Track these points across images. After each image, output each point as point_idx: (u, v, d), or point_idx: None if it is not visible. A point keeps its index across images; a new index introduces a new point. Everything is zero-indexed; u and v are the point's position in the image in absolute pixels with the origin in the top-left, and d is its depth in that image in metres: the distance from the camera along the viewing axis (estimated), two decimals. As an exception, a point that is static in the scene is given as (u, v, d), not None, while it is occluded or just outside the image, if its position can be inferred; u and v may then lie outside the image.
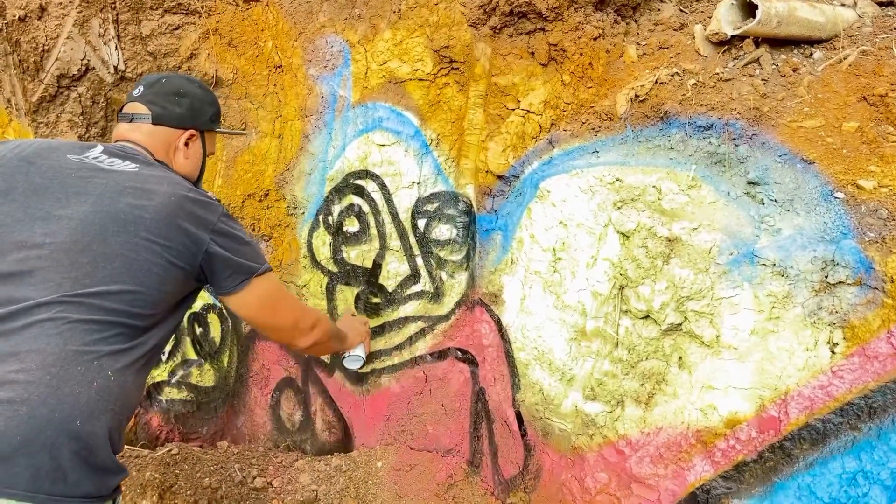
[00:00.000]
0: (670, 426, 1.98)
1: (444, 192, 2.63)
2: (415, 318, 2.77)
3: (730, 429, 1.85)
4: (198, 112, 2.02)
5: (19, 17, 2.99)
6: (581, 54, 2.30)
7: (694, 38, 2.18)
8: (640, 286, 2.05)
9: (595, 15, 2.31)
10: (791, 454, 1.74)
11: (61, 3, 2.96)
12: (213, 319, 3.24)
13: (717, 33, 2.09)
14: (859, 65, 1.91)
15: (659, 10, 2.35)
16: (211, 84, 2.97)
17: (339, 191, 2.81)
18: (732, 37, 2.06)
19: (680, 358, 1.97)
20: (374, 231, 2.77)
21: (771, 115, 1.92)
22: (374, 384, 2.91)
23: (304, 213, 2.95)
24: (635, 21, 2.36)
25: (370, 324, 2.85)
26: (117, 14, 2.99)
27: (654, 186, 2.04)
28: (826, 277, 1.70)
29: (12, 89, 3.14)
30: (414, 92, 2.59)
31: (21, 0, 2.99)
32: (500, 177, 2.51)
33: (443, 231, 2.65)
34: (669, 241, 1.99)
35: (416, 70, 2.56)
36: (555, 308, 2.30)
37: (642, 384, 2.05)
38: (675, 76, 2.09)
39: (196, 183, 2.05)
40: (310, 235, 2.94)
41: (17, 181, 1.60)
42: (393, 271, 2.77)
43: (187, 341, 3.29)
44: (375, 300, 2.83)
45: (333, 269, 2.90)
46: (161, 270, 1.62)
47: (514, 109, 2.46)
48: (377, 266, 2.79)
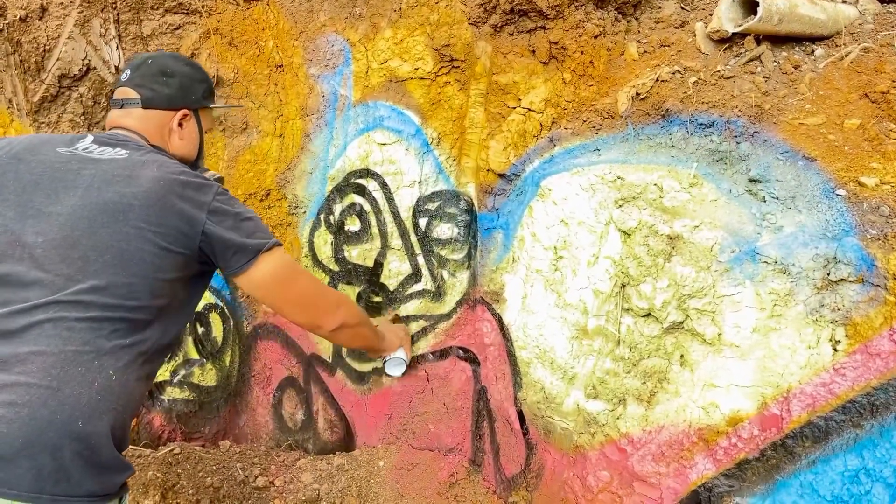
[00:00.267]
0: (672, 424, 1.98)
1: (446, 190, 2.63)
2: (416, 317, 2.77)
3: (732, 427, 1.85)
4: (188, 90, 1.96)
5: (20, 18, 2.99)
6: (582, 52, 2.30)
7: (695, 35, 2.18)
8: (641, 284, 2.05)
9: (596, 13, 2.31)
10: (793, 452, 1.73)
11: (62, 4, 2.97)
12: (214, 319, 3.24)
13: (718, 31, 2.08)
14: (861, 62, 1.91)
15: (660, 7, 2.35)
16: (212, 84, 2.97)
17: (341, 190, 2.81)
18: (734, 34, 2.06)
19: (682, 356, 1.97)
20: (375, 230, 2.77)
21: (772, 113, 1.92)
22: (376, 383, 2.91)
23: (305, 212, 2.95)
24: (636, 19, 2.36)
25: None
26: (118, 14, 2.99)
27: (655, 184, 2.04)
28: (828, 275, 1.70)
29: (13, 89, 3.15)
30: (415, 91, 2.59)
31: (22, 0, 2.99)
32: (502, 175, 2.51)
33: (444, 230, 2.64)
34: (671, 238, 1.98)
35: (417, 69, 2.55)
36: (556, 306, 2.29)
37: (644, 382, 2.05)
38: (676, 74, 2.09)
39: (196, 162, 2.01)
40: (311, 235, 2.94)
41: (7, 179, 1.59)
42: (394, 270, 2.77)
43: (189, 341, 3.29)
44: (377, 299, 2.83)
45: (335, 268, 2.90)
46: (155, 258, 1.58)
47: (514, 108, 2.46)
48: (378, 265, 2.79)
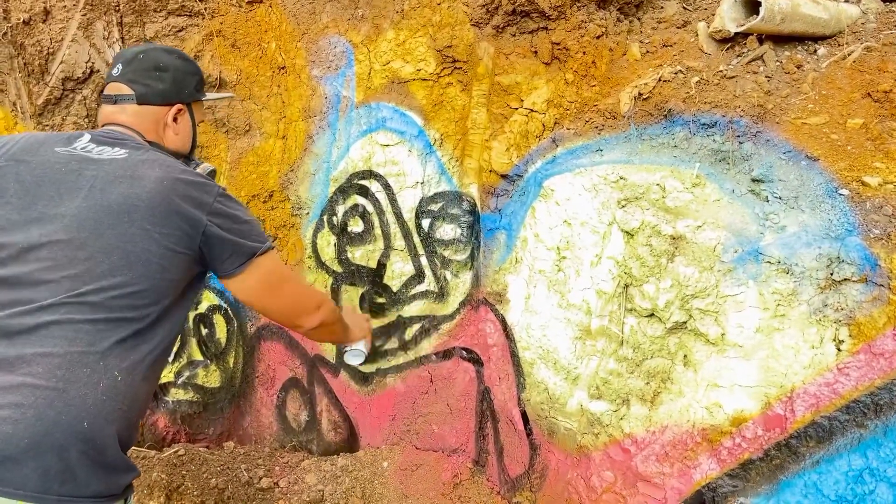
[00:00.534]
0: (676, 424, 1.98)
1: (448, 191, 2.63)
2: (419, 318, 2.77)
3: (735, 427, 1.85)
4: (182, 84, 1.93)
5: (24, 21, 3.00)
6: (584, 53, 2.30)
7: (697, 35, 2.18)
8: (644, 284, 2.05)
9: (598, 13, 2.31)
10: (797, 452, 1.73)
11: (65, 7, 2.98)
12: (218, 320, 3.25)
13: (720, 31, 2.08)
14: (863, 61, 1.90)
15: (662, 7, 2.35)
16: (215, 85, 2.97)
17: (344, 191, 2.81)
18: (736, 34, 2.06)
19: (685, 356, 1.97)
20: (378, 231, 2.77)
21: (775, 113, 1.92)
22: (380, 384, 2.92)
23: (308, 213, 2.95)
24: (638, 19, 2.36)
25: (375, 324, 2.85)
26: (121, 17, 3.00)
27: (658, 184, 2.04)
28: (831, 274, 1.70)
29: (17, 92, 3.15)
30: (417, 92, 2.59)
31: (25, 3, 3.00)
32: (504, 176, 2.51)
33: (447, 231, 2.65)
34: (674, 239, 1.98)
35: (420, 70, 2.56)
36: (559, 307, 2.29)
37: (647, 383, 2.05)
38: (678, 74, 2.09)
39: (190, 154, 2.02)
40: (314, 236, 2.95)
41: (8, 182, 1.59)
42: (397, 271, 2.77)
43: (193, 342, 3.30)
44: (380, 300, 2.83)
45: (338, 269, 2.90)
46: (161, 259, 1.59)
47: (517, 108, 2.46)
48: (382, 266, 2.79)
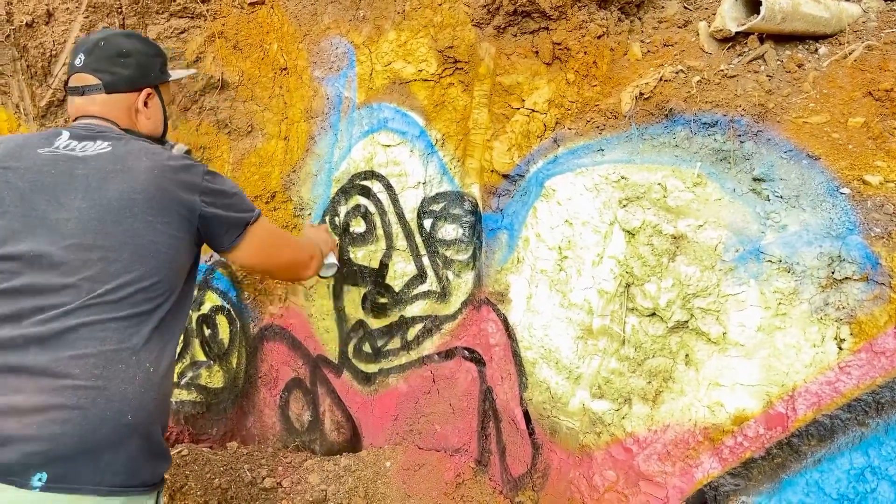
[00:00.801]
0: (678, 423, 1.98)
1: (450, 191, 2.63)
2: (422, 318, 2.78)
3: (737, 426, 1.85)
4: (147, 68, 1.94)
5: (27, 23, 3.01)
6: (585, 53, 2.30)
7: (698, 35, 2.18)
8: (646, 284, 2.05)
9: (599, 13, 2.31)
10: (799, 450, 1.73)
11: (68, 9, 2.99)
12: (221, 321, 3.26)
13: (721, 30, 2.09)
14: (864, 60, 1.90)
15: (663, 7, 2.35)
16: (217, 87, 2.98)
17: (346, 192, 2.82)
18: (737, 33, 2.06)
19: (687, 355, 1.97)
20: (380, 231, 2.78)
21: (776, 112, 1.92)
22: (382, 384, 2.92)
23: (310, 214, 2.96)
24: (639, 19, 2.36)
25: (377, 324, 2.86)
26: (123, 18, 3.01)
27: (659, 184, 2.04)
28: (832, 273, 1.70)
29: (20, 94, 3.17)
30: (419, 92, 2.60)
31: (28, 6, 3.01)
32: (506, 176, 2.51)
33: (449, 231, 2.65)
34: (675, 238, 1.99)
35: (421, 70, 2.56)
36: (561, 306, 2.30)
37: (649, 382, 2.05)
38: (679, 73, 2.09)
39: (163, 136, 2.04)
40: (316, 236, 2.95)
41: (1, 191, 1.59)
42: (399, 271, 2.78)
43: (196, 343, 3.30)
44: (382, 300, 2.84)
45: (340, 269, 2.90)
46: (168, 248, 1.66)
47: (518, 108, 2.46)
48: (384, 266, 2.80)
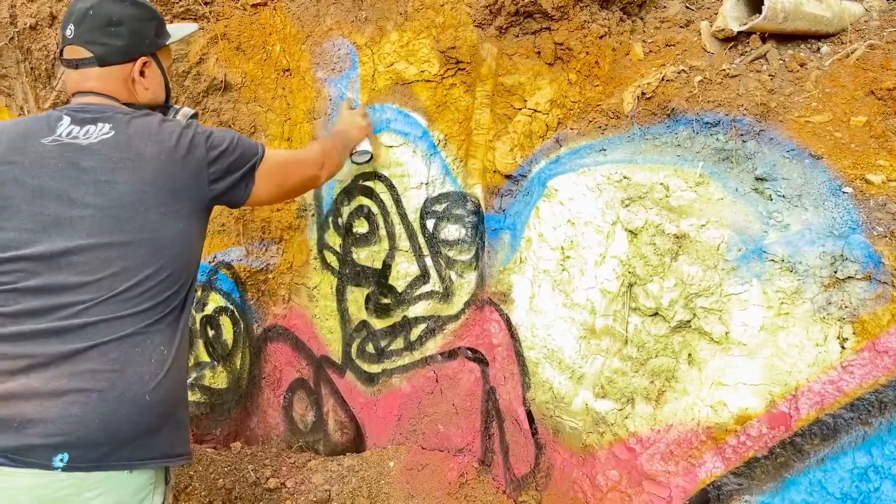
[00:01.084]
0: (680, 423, 1.98)
1: (453, 192, 2.64)
2: (425, 318, 2.78)
3: (740, 425, 1.85)
4: (141, 35, 1.82)
5: (30, 26, 3.02)
6: (587, 53, 2.30)
7: (700, 34, 2.18)
8: (648, 283, 2.06)
9: (601, 13, 2.31)
10: (802, 450, 1.73)
11: (72, 11, 2.99)
12: (225, 322, 3.26)
13: (723, 29, 2.09)
14: (867, 59, 1.90)
15: (665, 7, 2.35)
16: (220, 88, 2.99)
17: (348, 192, 2.82)
18: (739, 33, 2.06)
19: (689, 355, 1.97)
20: (383, 232, 2.78)
21: (778, 111, 1.92)
22: (386, 384, 2.93)
23: (313, 215, 2.97)
24: (641, 19, 2.36)
25: (380, 324, 2.86)
26: (127, 20, 3.01)
27: (661, 184, 2.04)
28: (835, 272, 1.70)
29: (24, 97, 3.18)
30: (421, 93, 2.60)
31: (32, 8, 3.03)
32: (508, 176, 2.52)
33: (451, 231, 2.66)
34: (677, 238, 1.99)
35: (423, 71, 2.57)
36: (564, 306, 2.30)
37: (652, 381, 2.05)
38: (681, 73, 2.09)
39: (167, 101, 1.98)
40: (320, 237, 2.96)
41: (10, 189, 1.58)
42: (402, 272, 2.78)
43: (200, 344, 3.31)
44: (385, 301, 2.84)
45: (343, 270, 2.91)
46: (182, 235, 1.69)
47: (520, 109, 2.46)
48: (387, 267, 2.80)
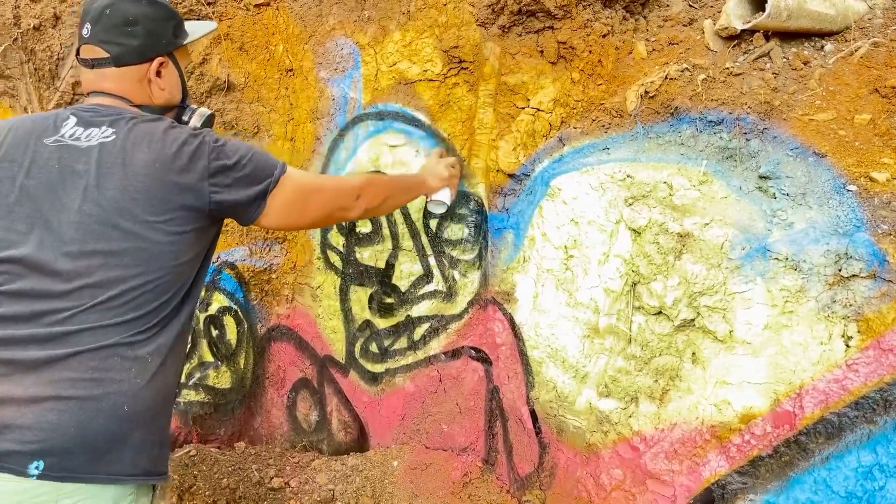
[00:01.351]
0: (685, 422, 1.98)
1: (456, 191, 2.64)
2: (428, 318, 2.78)
3: (744, 424, 1.85)
4: (157, 35, 1.79)
5: (34, 27, 3.03)
6: (590, 52, 2.30)
7: (703, 33, 2.17)
8: (652, 282, 2.05)
9: (604, 12, 2.31)
10: (806, 448, 1.73)
11: (75, 12, 3.01)
12: (228, 322, 3.27)
13: (726, 28, 2.08)
14: (871, 57, 1.90)
15: (668, 5, 2.35)
16: (223, 88, 2.99)
17: (352, 192, 2.82)
18: (742, 31, 2.05)
19: (693, 353, 1.97)
20: (386, 231, 2.78)
21: (782, 109, 1.92)
22: (389, 384, 2.93)
23: (317, 214, 2.96)
24: (644, 17, 2.36)
25: (384, 324, 2.87)
26: (130, 21, 3.02)
27: (665, 182, 2.04)
28: (839, 271, 1.69)
29: (28, 97, 3.19)
30: (424, 92, 2.60)
31: (36, 9, 3.03)
32: (511, 175, 2.51)
33: (455, 230, 2.66)
34: (681, 236, 1.99)
35: (426, 71, 2.57)
36: (567, 305, 2.30)
37: (656, 380, 2.05)
38: (684, 72, 2.09)
39: (183, 101, 1.93)
40: (323, 237, 2.96)
41: (6, 187, 1.57)
42: (406, 271, 2.78)
43: (203, 344, 3.32)
44: (389, 300, 2.84)
45: (347, 269, 2.91)
46: (172, 246, 1.60)
47: (523, 108, 2.46)
48: (390, 266, 2.80)
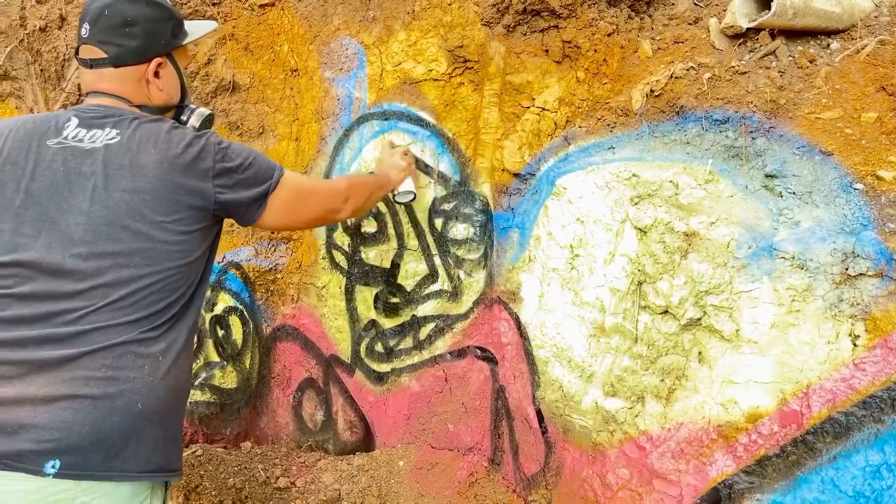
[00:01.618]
0: (691, 421, 1.98)
1: (461, 191, 2.63)
2: (433, 317, 2.78)
3: (751, 423, 1.84)
4: (156, 36, 1.80)
5: (40, 28, 3.04)
6: (595, 50, 2.30)
7: (709, 31, 2.17)
8: (658, 281, 2.05)
9: (609, 11, 2.31)
10: (814, 448, 1.73)
11: (81, 13, 3.01)
12: (234, 322, 3.28)
13: (732, 26, 2.08)
14: (877, 55, 1.89)
15: (673, 4, 2.34)
16: (228, 89, 3.00)
17: (357, 192, 2.82)
18: (748, 29, 2.05)
19: (700, 353, 1.97)
20: (391, 231, 2.78)
21: (788, 108, 1.91)
22: (395, 383, 2.93)
23: (322, 214, 2.97)
24: (649, 16, 2.36)
25: (389, 323, 2.87)
26: (135, 22, 3.03)
27: (670, 181, 2.04)
28: (846, 269, 1.69)
29: (34, 98, 3.20)
30: (429, 92, 2.60)
31: (41, 10, 3.05)
32: (517, 175, 2.51)
33: (460, 230, 2.66)
34: (687, 235, 1.98)
35: (431, 70, 2.57)
36: (573, 305, 2.30)
37: (662, 379, 2.05)
38: (690, 70, 2.09)
39: (182, 101, 1.95)
40: (328, 237, 2.97)
41: (11, 191, 1.58)
42: (411, 271, 2.78)
43: (209, 344, 3.32)
44: (394, 300, 2.84)
45: (352, 269, 2.92)
46: (180, 245, 1.64)
47: (528, 107, 2.46)
48: (395, 266, 2.81)
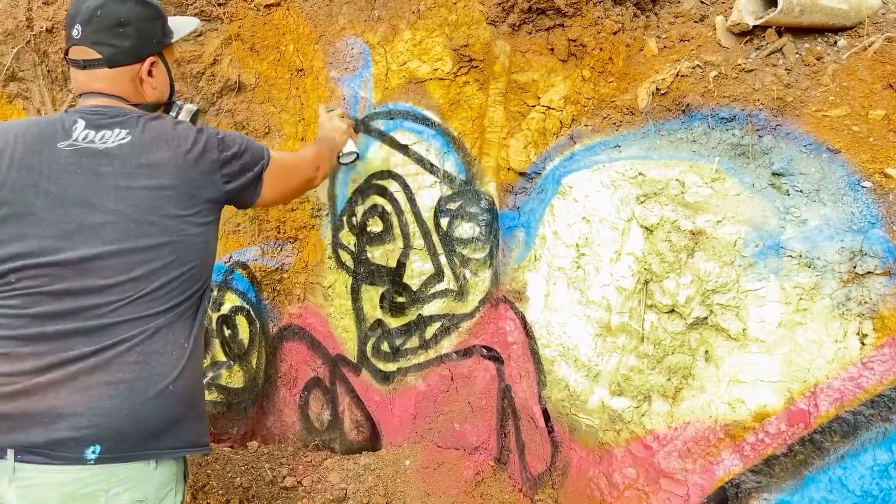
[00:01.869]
0: (698, 420, 1.97)
1: (466, 190, 2.63)
2: (439, 317, 2.78)
3: (758, 422, 1.84)
4: (148, 35, 1.83)
5: (47, 29, 3.05)
6: (601, 49, 2.29)
7: (715, 29, 2.16)
8: (664, 280, 2.04)
9: (614, 9, 2.30)
10: (821, 447, 1.72)
11: (87, 14, 3.02)
12: (241, 321, 3.28)
13: (738, 24, 2.07)
14: (885, 52, 1.88)
15: (679, 2, 2.33)
16: (234, 89, 3.00)
17: (362, 192, 2.83)
18: (754, 27, 2.04)
19: (706, 352, 1.96)
20: (397, 231, 2.78)
21: (795, 105, 1.90)
22: (401, 383, 2.93)
23: (328, 214, 2.98)
24: (655, 14, 2.35)
25: (395, 323, 2.87)
26: (142, 23, 3.03)
27: (677, 180, 2.03)
28: (854, 268, 1.68)
29: (42, 99, 3.21)
30: (434, 91, 2.60)
31: (48, 11, 3.05)
32: (522, 174, 2.51)
33: (465, 229, 2.65)
34: (694, 234, 1.98)
35: (436, 69, 2.57)
36: (579, 304, 2.29)
37: (669, 379, 2.04)
38: (696, 68, 2.08)
39: (170, 98, 1.98)
40: (334, 236, 2.97)
41: (30, 196, 1.58)
42: (417, 270, 2.78)
43: (216, 343, 3.33)
44: (400, 299, 2.84)
45: (358, 269, 2.92)
46: (200, 236, 1.75)
47: (534, 106, 2.46)
48: (401, 265, 2.81)
